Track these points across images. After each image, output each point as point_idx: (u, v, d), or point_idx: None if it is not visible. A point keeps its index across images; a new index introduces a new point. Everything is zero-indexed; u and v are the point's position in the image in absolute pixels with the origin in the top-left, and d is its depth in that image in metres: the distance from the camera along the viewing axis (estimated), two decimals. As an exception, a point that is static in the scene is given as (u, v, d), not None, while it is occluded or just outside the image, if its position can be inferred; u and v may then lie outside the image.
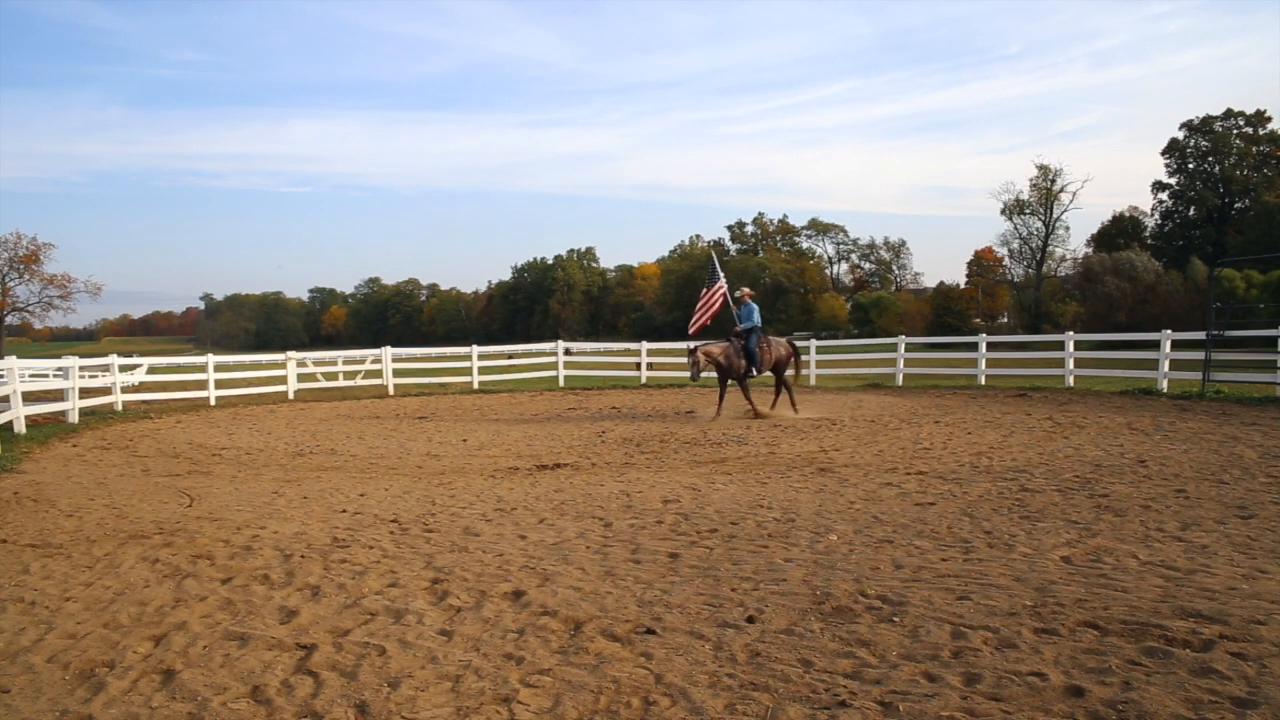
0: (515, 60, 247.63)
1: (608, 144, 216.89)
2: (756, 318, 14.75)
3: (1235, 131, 70.62)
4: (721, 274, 15.89)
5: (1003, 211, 76.71)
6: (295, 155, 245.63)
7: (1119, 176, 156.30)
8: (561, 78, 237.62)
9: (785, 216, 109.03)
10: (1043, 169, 74.38)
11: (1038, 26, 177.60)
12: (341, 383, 23.96)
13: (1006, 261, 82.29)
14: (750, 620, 4.23)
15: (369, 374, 24.27)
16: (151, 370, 23.78)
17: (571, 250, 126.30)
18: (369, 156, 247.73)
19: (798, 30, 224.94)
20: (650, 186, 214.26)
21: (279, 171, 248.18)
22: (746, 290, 15.14)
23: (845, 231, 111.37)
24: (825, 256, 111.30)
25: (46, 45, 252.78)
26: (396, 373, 23.10)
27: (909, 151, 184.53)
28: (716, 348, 14.58)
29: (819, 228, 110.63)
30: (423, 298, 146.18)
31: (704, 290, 15.98)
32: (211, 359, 20.71)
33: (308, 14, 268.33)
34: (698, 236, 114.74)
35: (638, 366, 24.43)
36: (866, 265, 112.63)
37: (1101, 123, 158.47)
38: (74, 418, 15.39)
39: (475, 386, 23.07)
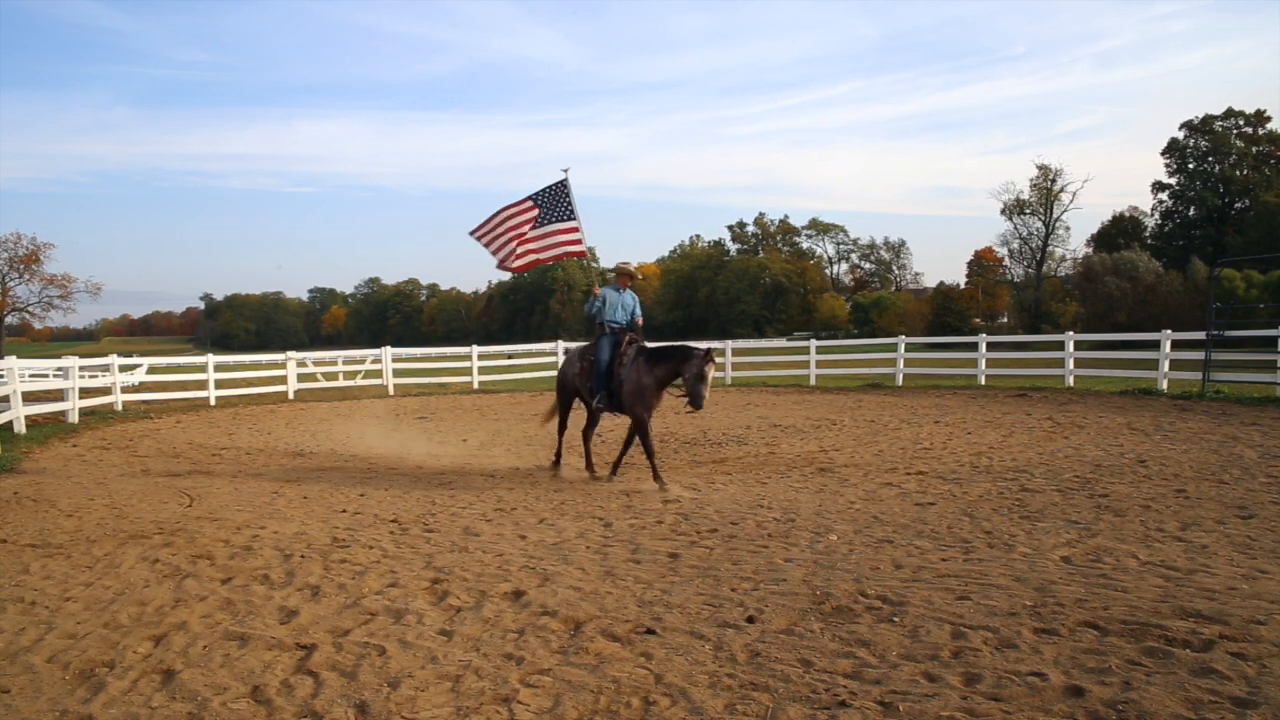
0: (520, 61, 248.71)
1: (610, 144, 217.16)
2: (637, 311, 9.00)
3: (1235, 131, 70.57)
4: (578, 214, 9.57)
5: (1003, 211, 76.77)
6: (300, 155, 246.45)
7: (1120, 176, 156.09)
8: (566, 78, 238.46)
9: (786, 216, 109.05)
10: (1043, 169, 74.43)
11: (1043, 27, 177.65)
12: (341, 383, 23.95)
13: (1006, 261, 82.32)
14: (750, 620, 4.22)
15: (369, 374, 24.27)
16: (151, 370, 23.80)
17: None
18: (373, 156, 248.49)
19: (802, 31, 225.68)
20: (651, 186, 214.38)
21: (283, 171, 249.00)
22: (628, 267, 9.27)
23: (845, 231, 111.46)
24: (825, 256, 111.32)
25: (52, 45, 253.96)
26: (396, 373, 23.09)
27: (911, 151, 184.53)
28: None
29: (819, 228, 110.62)
30: (423, 298, 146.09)
31: (522, 208, 9.64)
32: (211, 359, 20.70)
33: (313, 14, 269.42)
34: (698, 236, 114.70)
35: None
36: (866, 265, 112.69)
37: (1104, 123, 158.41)
38: (74, 418, 15.38)
39: (475, 386, 23.06)
